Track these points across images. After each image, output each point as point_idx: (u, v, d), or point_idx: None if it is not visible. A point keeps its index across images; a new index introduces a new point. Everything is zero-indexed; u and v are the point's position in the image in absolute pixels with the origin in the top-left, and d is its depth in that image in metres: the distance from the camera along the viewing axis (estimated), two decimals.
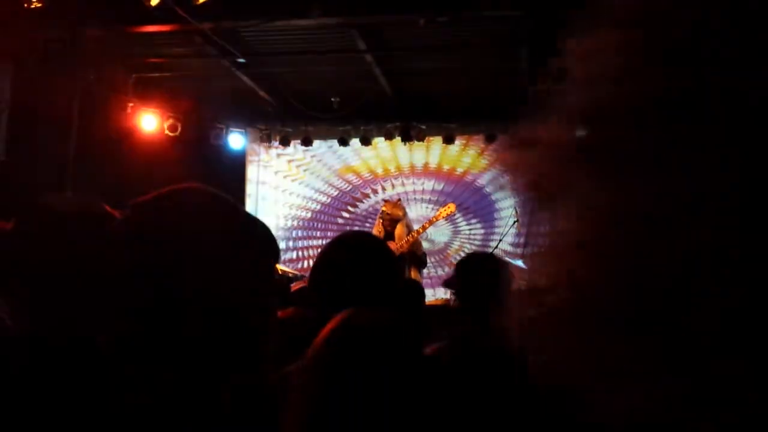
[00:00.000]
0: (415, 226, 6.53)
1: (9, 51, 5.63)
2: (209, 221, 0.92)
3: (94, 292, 0.92)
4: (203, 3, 4.83)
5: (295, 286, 3.66)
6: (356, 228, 8.47)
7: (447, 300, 7.29)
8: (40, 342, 1.00)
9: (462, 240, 8.44)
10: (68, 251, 1.09)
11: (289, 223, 8.74)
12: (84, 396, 0.88)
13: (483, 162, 8.33)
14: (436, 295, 7.69)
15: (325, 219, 8.78)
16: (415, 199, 8.51)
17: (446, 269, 8.33)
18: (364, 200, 8.68)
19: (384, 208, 6.27)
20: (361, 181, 8.69)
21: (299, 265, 8.24)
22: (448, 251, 8.44)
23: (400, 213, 6.21)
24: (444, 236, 8.42)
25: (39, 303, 1.08)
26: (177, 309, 0.84)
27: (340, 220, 8.73)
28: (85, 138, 6.22)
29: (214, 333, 0.86)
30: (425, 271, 6.98)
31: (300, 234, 8.71)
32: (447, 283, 2.75)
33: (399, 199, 7.39)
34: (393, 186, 8.58)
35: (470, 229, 8.44)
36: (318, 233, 8.74)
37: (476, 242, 8.36)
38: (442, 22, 5.58)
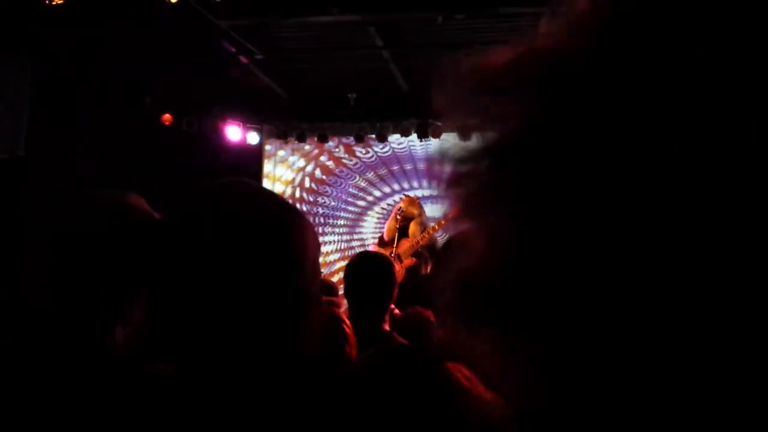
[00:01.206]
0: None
1: (29, 47, 5.69)
2: (266, 211, 0.92)
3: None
4: (222, 1, 4.85)
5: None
6: (369, 216, 8.48)
7: None
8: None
9: None
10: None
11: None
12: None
13: None
14: None
15: (342, 215, 8.79)
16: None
17: None
18: (376, 189, 8.67)
19: (401, 204, 6.27)
20: (375, 176, 8.69)
21: None
22: None
23: (415, 211, 6.20)
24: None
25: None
26: (230, 300, 0.84)
27: (351, 208, 8.73)
28: (104, 133, 6.28)
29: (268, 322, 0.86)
30: None
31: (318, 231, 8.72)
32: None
33: (417, 197, 7.37)
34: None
35: None
36: (332, 228, 8.75)
37: None
38: (459, 19, 5.56)
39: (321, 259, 7.75)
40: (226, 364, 0.85)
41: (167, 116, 7.41)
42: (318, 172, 8.81)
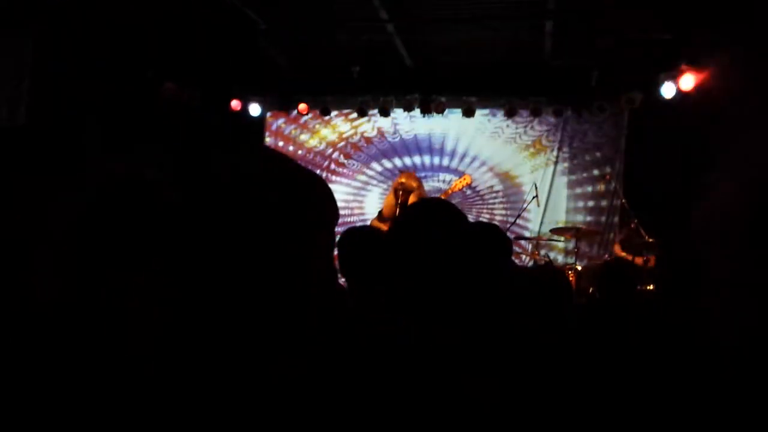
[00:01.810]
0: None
1: (30, 17, 5.64)
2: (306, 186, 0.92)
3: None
4: None
5: None
6: (373, 186, 8.48)
7: None
8: None
9: (482, 214, 8.40)
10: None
11: None
12: None
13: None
14: None
15: (344, 189, 8.78)
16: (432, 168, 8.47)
17: None
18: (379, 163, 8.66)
19: (400, 179, 6.25)
20: (376, 150, 8.66)
21: None
22: None
23: (414, 184, 6.19)
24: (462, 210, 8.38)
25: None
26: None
27: (357, 189, 8.73)
28: (105, 105, 6.24)
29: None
30: None
31: None
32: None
33: (414, 171, 7.36)
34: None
35: (491, 203, 8.40)
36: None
37: (497, 217, 8.33)
38: None
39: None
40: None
41: (169, 86, 7.36)
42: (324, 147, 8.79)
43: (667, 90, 6.73)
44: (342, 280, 2.70)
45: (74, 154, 1.13)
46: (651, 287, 5.64)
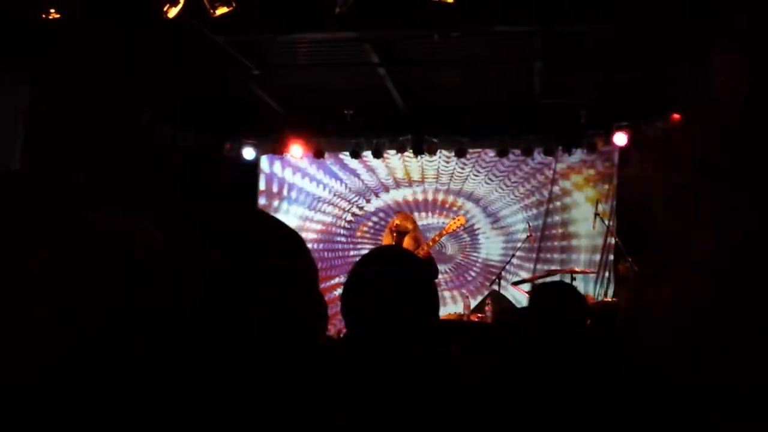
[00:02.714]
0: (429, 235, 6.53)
1: (27, 61, 5.70)
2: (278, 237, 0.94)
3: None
4: (218, 16, 4.87)
5: None
6: (362, 232, 8.48)
7: (461, 315, 7.28)
8: None
9: (477, 255, 8.41)
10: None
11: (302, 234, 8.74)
12: None
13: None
14: (448, 309, 7.67)
15: (337, 231, 8.79)
16: (426, 207, 8.50)
17: (462, 285, 8.30)
18: (368, 203, 8.68)
19: (396, 220, 6.28)
20: (365, 187, 8.70)
21: None
22: (460, 264, 8.41)
23: (410, 226, 6.22)
24: (457, 249, 8.39)
25: None
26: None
27: (345, 227, 8.73)
28: (101, 148, 6.27)
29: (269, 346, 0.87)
30: (438, 286, 6.96)
31: (313, 247, 8.71)
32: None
33: (410, 212, 7.39)
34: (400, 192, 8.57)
35: (486, 244, 8.41)
36: (328, 245, 8.75)
37: (494, 258, 8.33)
38: (455, 36, 5.59)
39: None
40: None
41: (163, 130, 7.41)
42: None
43: (656, 127, 6.82)
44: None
45: (65, 204, 1.13)
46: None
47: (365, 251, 7.78)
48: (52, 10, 4.89)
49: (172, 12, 4.81)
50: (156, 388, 0.84)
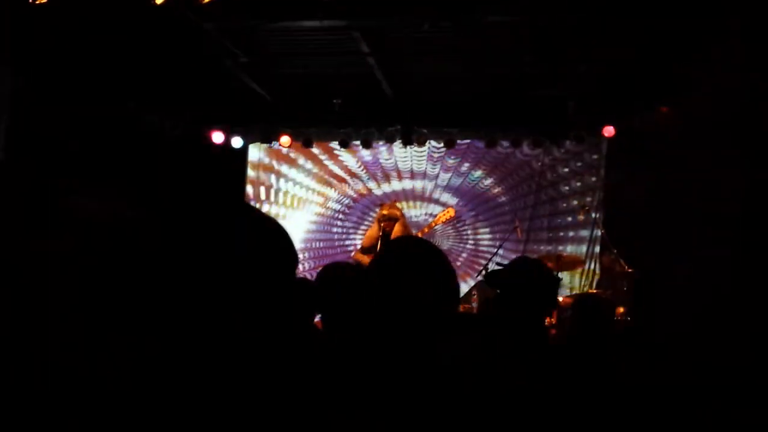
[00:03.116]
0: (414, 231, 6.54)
1: (11, 50, 5.63)
2: (241, 231, 0.94)
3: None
4: (207, 3, 4.83)
5: None
6: (353, 222, 8.48)
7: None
8: None
9: (464, 246, 8.43)
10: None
11: (288, 224, 8.74)
12: None
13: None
14: None
15: (325, 220, 8.78)
16: (414, 197, 8.50)
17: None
18: (360, 199, 8.67)
19: (382, 210, 6.28)
20: (357, 181, 8.69)
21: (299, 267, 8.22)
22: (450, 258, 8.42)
23: (397, 213, 6.22)
24: (447, 242, 8.41)
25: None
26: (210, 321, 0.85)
27: (338, 223, 8.73)
28: (86, 137, 6.22)
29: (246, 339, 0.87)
30: None
31: (301, 236, 8.70)
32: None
33: (395, 201, 7.38)
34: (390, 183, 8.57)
35: (474, 235, 8.43)
36: (318, 235, 8.74)
37: (482, 249, 8.35)
38: (445, 26, 5.58)
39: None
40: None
41: (151, 120, 7.36)
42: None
43: (644, 119, 6.85)
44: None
45: (51, 193, 1.13)
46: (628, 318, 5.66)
47: (356, 241, 7.74)
48: None
49: None
50: (154, 384, 0.84)
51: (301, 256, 8.55)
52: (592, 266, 7.72)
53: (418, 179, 8.52)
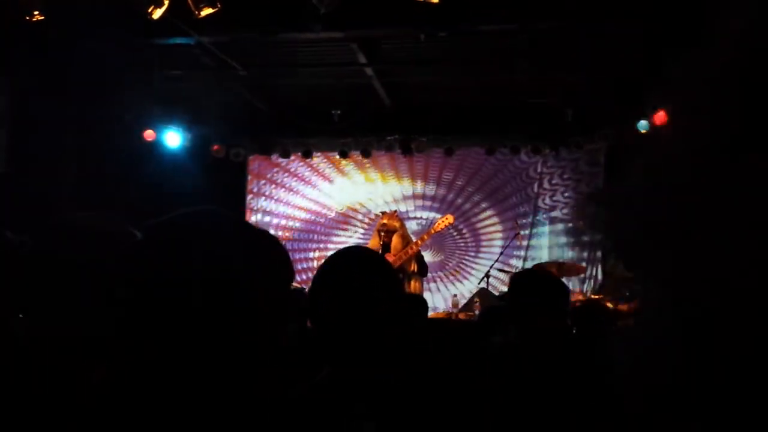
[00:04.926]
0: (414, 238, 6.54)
1: (7, 65, 5.65)
2: (223, 242, 0.93)
3: (106, 308, 0.91)
4: (204, 16, 4.85)
5: None
6: (355, 239, 8.47)
7: (449, 313, 7.28)
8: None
9: (465, 253, 8.42)
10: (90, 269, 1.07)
11: (288, 235, 8.73)
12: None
13: None
14: (437, 308, 7.68)
15: (323, 231, 8.78)
16: (415, 207, 8.51)
17: (450, 284, 8.31)
18: (360, 211, 8.67)
19: (382, 220, 6.28)
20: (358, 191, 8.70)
21: (298, 278, 8.23)
22: (450, 265, 8.42)
23: (396, 224, 6.21)
24: (445, 249, 8.40)
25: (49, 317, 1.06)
26: (191, 326, 0.85)
27: (337, 232, 8.73)
28: (85, 150, 6.24)
29: (231, 347, 0.87)
30: (426, 284, 6.99)
31: (298, 246, 8.70)
32: None
33: (395, 211, 7.38)
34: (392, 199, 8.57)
35: (474, 242, 8.43)
36: (315, 245, 8.73)
37: (480, 257, 8.35)
38: (441, 36, 5.61)
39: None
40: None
41: (149, 132, 7.38)
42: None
43: (642, 125, 6.85)
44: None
45: (44, 205, 1.15)
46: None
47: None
48: (36, 12, 4.85)
49: (157, 13, 4.79)
50: (151, 389, 0.84)
51: (298, 267, 8.56)
52: (594, 272, 7.71)
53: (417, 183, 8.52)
